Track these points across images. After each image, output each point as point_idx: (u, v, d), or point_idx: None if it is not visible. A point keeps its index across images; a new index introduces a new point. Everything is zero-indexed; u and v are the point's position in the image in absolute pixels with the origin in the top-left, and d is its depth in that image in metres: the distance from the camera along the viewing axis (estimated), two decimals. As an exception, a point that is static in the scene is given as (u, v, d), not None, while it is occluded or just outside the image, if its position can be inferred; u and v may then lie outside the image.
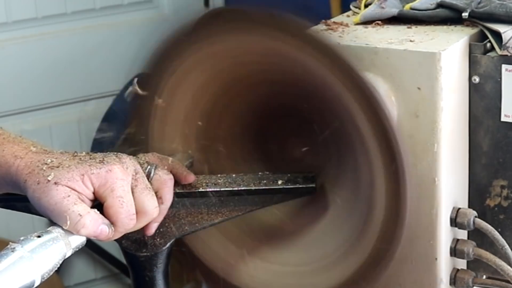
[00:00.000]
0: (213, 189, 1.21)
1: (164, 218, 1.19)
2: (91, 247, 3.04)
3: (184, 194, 1.20)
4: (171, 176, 1.16)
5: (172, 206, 1.19)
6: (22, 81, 2.94)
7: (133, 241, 1.18)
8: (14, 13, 2.91)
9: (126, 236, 1.17)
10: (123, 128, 1.32)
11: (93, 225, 1.05)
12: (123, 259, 1.23)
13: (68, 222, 1.04)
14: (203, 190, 1.21)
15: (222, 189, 1.21)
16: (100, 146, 1.14)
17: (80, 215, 1.04)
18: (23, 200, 1.10)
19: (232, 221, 1.24)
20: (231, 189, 1.22)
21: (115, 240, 1.16)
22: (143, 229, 1.15)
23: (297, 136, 1.31)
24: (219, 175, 1.24)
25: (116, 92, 2.94)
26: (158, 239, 1.18)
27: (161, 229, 1.18)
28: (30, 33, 2.95)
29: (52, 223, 1.06)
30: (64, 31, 2.99)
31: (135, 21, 3.06)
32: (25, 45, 2.94)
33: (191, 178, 1.21)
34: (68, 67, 3.00)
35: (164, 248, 1.18)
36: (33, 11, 2.93)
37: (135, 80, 1.25)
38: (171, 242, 1.18)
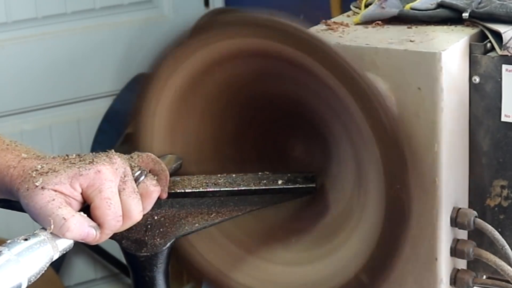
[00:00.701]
0: (213, 189, 1.21)
1: (164, 218, 1.19)
2: (91, 247, 3.04)
3: (184, 194, 1.20)
4: (158, 188, 1.14)
5: (172, 206, 1.19)
6: (22, 81, 2.94)
7: (133, 241, 1.18)
8: (14, 13, 2.91)
9: (126, 236, 1.17)
10: (123, 128, 1.32)
11: (79, 228, 1.04)
12: (123, 259, 1.23)
13: (52, 226, 1.03)
14: (203, 190, 1.21)
15: (222, 189, 1.21)
16: (100, 146, 1.14)
17: (65, 219, 1.03)
18: (23, 200, 1.10)
19: (232, 221, 1.24)
20: (231, 189, 1.21)
21: (115, 240, 1.16)
22: (142, 230, 1.15)
23: (297, 136, 1.31)
24: (219, 175, 1.24)
25: (116, 92, 2.94)
26: (158, 239, 1.18)
27: (161, 229, 1.18)
28: (30, 33, 2.95)
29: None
30: (64, 31, 2.99)
31: (135, 21, 3.06)
32: (25, 45, 2.94)
33: (163, 195, 1.18)
34: (68, 67, 3.00)
35: (164, 248, 1.18)
36: (33, 11, 2.93)
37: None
38: (171, 242, 1.18)
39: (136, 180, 1.11)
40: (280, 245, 1.33)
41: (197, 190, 1.21)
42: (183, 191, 1.21)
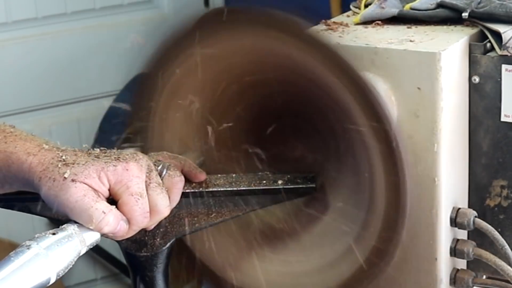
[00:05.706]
0: (213, 189, 1.21)
1: (164, 218, 1.19)
2: (91, 247, 3.04)
3: (184, 194, 1.20)
4: (182, 178, 1.16)
5: (173, 206, 1.19)
6: (22, 81, 2.94)
7: (133, 241, 1.18)
8: (14, 13, 2.91)
9: (126, 236, 1.17)
10: (123, 128, 1.32)
11: (115, 222, 1.05)
12: (123, 259, 1.23)
13: (94, 220, 1.03)
14: (203, 190, 1.21)
15: (222, 189, 1.22)
16: (100, 146, 1.14)
17: (104, 213, 1.04)
18: (23, 200, 1.10)
19: (232, 221, 1.24)
20: (231, 189, 1.22)
21: (115, 240, 1.16)
22: (142, 229, 1.15)
23: (297, 136, 1.31)
24: (219, 175, 1.24)
25: (116, 92, 2.93)
26: (158, 239, 1.18)
27: (161, 229, 1.18)
28: (30, 33, 2.95)
29: (53, 222, 1.06)
30: (64, 31, 2.99)
31: (135, 21, 3.06)
32: (25, 45, 2.95)
33: (202, 176, 1.21)
34: (68, 67, 3.00)
35: (164, 248, 1.18)
36: (33, 11, 2.94)
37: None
38: (171, 242, 1.18)
39: (160, 174, 1.12)
40: (280, 245, 1.33)
41: (197, 190, 1.21)
42: (183, 191, 1.21)
